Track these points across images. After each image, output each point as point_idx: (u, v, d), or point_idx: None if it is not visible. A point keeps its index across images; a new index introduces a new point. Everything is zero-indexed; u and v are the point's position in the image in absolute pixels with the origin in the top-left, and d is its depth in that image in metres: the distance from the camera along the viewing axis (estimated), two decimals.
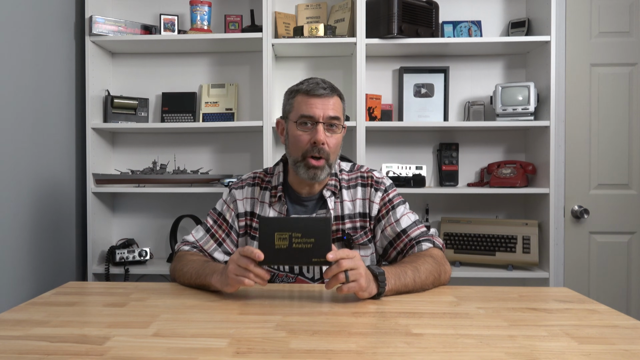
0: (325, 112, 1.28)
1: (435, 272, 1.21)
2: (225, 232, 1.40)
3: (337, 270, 1.03)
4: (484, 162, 2.50)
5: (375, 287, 1.09)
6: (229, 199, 1.42)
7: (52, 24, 2.14)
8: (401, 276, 1.14)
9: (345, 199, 1.37)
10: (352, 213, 1.37)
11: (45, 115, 2.07)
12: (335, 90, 1.33)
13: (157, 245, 2.53)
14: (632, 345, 0.83)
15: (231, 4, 2.51)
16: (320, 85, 1.30)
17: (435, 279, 1.21)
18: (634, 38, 2.44)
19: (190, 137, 2.55)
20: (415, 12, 2.27)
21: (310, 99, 1.29)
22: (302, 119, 1.29)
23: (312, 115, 1.28)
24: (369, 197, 1.38)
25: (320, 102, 1.28)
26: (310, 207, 1.37)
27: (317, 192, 1.38)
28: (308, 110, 1.28)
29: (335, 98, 1.32)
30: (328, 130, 1.29)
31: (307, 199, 1.38)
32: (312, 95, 1.29)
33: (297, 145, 1.30)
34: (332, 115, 1.29)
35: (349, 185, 1.39)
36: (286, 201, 1.37)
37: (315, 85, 1.30)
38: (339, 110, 1.31)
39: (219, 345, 0.82)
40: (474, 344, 0.83)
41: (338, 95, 1.33)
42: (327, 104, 1.29)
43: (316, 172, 1.29)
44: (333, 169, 1.36)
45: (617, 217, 2.46)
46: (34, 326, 0.92)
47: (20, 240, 1.91)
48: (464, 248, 2.32)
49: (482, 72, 2.49)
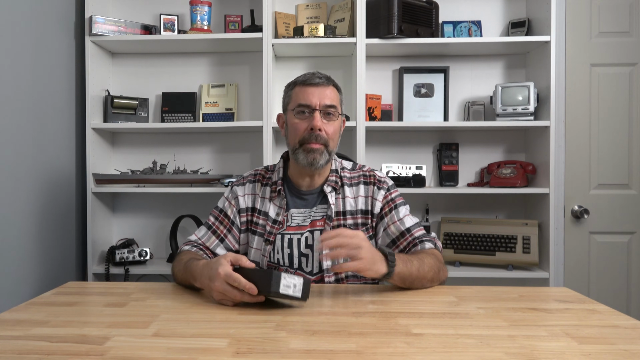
0: (321, 100, 1.32)
1: (436, 267, 1.23)
2: (227, 228, 1.41)
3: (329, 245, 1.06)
4: (484, 162, 2.50)
5: (385, 266, 1.11)
6: (231, 196, 1.45)
7: (52, 24, 2.14)
8: (407, 263, 1.17)
9: (347, 196, 1.39)
10: (354, 210, 1.38)
11: (45, 115, 2.07)
12: (332, 81, 1.38)
13: (157, 245, 2.53)
14: (632, 345, 0.83)
15: (231, 4, 2.51)
16: (316, 75, 1.35)
17: (435, 274, 1.23)
18: (634, 38, 2.44)
19: (190, 137, 2.54)
20: (415, 12, 2.27)
21: (307, 88, 1.34)
22: (299, 108, 1.34)
23: (309, 104, 1.32)
24: (371, 194, 1.39)
25: (317, 90, 1.33)
26: (311, 201, 1.39)
27: (317, 186, 1.40)
28: (305, 98, 1.33)
29: (332, 88, 1.36)
30: (325, 118, 1.33)
31: (307, 192, 1.40)
32: (309, 85, 1.34)
33: (296, 132, 1.34)
34: (328, 103, 1.33)
35: (351, 183, 1.41)
36: (285, 195, 1.39)
37: (311, 75, 1.36)
38: (335, 99, 1.36)
39: (219, 345, 0.82)
40: (474, 344, 0.83)
41: (334, 85, 1.38)
42: (324, 92, 1.33)
43: (315, 157, 1.31)
44: (332, 157, 1.38)
45: (617, 217, 2.46)
46: (34, 326, 0.92)
47: (20, 240, 1.91)
48: (464, 248, 2.32)
49: (482, 72, 2.49)
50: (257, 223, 1.40)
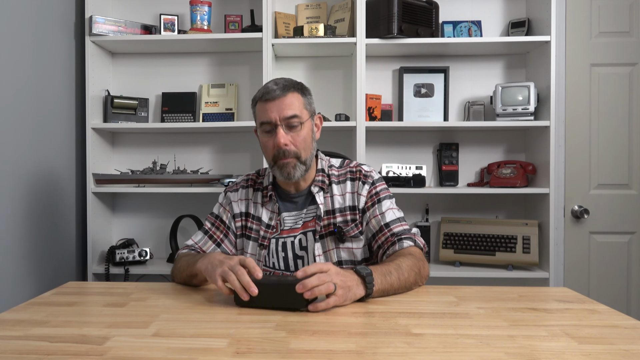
0: (280, 113, 1.28)
1: (416, 267, 1.21)
2: (223, 233, 1.43)
3: (307, 287, 1.00)
4: (484, 162, 2.50)
5: (363, 289, 1.07)
6: (225, 202, 1.46)
7: (52, 24, 2.14)
8: (386, 275, 1.13)
9: (335, 194, 1.39)
10: (343, 207, 1.38)
11: (45, 115, 2.07)
12: (290, 87, 1.31)
13: (157, 245, 2.53)
14: (632, 345, 0.83)
15: (231, 4, 2.51)
16: (271, 88, 1.29)
17: (417, 274, 1.20)
18: (634, 38, 2.44)
19: (190, 137, 2.54)
20: (415, 12, 2.27)
21: (266, 105, 1.30)
22: (262, 127, 1.32)
23: (269, 120, 1.29)
24: (357, 190, 1.39)
25: (274, 105, 1.29)
26: (300, 203, 1.40)
27: (304, 189, 1.40)
28: (264, 115, 1.30)
29: (290, 95, 1.30)
30: (290, 129, 1.30)
31: (296, 195, 1.40)
32: (266, 101, 1.29)
33: (266, 151, 1.33)
34: (289, 115, 1.28)
35: (339, 181, 1.41)
36: (277, 200, 1.40)
37: (267, 89, 1.30)
38: (297, 105, 1.31)
39: (218, 345, 0.82)
40: (474, 344, 0.83)
41: (294, 90, 1.32)
42: (282, 104, 1.29)
43: (289, 171, 1.31)
44: (309, 166, 1.35)
45: (617, 217, 2.46)
46: (34, 326, 0.92)
47: (20, 240, 1.91)
48: (464, 248, 2.32)
49: (482, 72, 2.49)
50: (251, 228, 1.41)
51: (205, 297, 1.14)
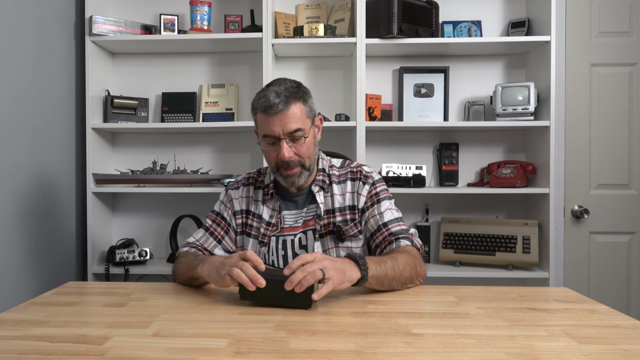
0: (284, 128, 1.27)
1: (412, 263, 1.21)
2: (224, 230, 1.43)
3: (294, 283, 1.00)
4: (484, 162, 2.50)
5: (358, 270, 1.08)
6: (226, 199, 1.47)
7: (52, 24, 2.14)
8: (380, 264, 1.14)
9: (335, 193, 1.40)
10: (342, 206, 1.39)
11: (45, 115, 2.07)
12: (292, 98, 1.28)
13: (157, 245, 2.53)
14: (632, 345, 0.83)
15: (231, 4, 2.51)
16: (273, 101, 1.26)
17: (413, 270, 1.20)
18: (634, 38, 2.44)
19: (190, 137, 2.54)
20: (415, 12, 2.27)
21: (269, 118, 1.27)
22: (264, 139, 1.31)
23: (273, 134, 1.28)
24: (357, 190, 1.40)
25: (277, 119, 1.26)
26: (301, 202, 1.41)
27: (305, 188, 1.41)
28: (268, 129, 1.29)
29: (293, 107, 1.28)
30: (293, 142, 1.29)
31: (297, 194, 1.41)
32: (269, 114, 1.27)
33: (269, 159, 1.34)
34: (292, 129, 1.27)
35: (339, 180, 1.42)
36: (278, 198, 1.41)
37: (269, 102, 1.26)
38: (299, 119, 1.28)
39: (219, 345, 0.82)
40: (474, 344, 0.83)
41: (297, 100, 1.29)
42: (285, 118, 1.26)
43: (293, 180, 1.33)
44: (312, 170, 1.37)
45: (617, 217, 2.46)
46: (34, 326, 0.92)
47: (20, 240, 1.91)
48: (464, 248, 2.32)
49: (482, 72, 2.49)
50: (252, 225, 1.41)
51: (205, 297, 1.14)
